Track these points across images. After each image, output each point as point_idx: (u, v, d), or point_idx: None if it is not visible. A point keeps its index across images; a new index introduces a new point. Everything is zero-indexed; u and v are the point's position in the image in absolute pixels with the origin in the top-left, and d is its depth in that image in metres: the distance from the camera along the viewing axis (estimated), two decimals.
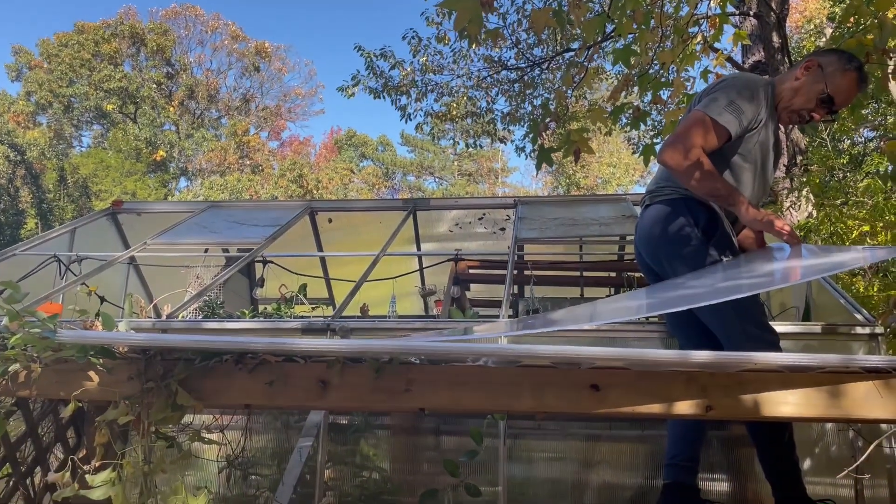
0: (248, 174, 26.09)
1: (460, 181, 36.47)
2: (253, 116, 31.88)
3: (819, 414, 1.85)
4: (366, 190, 31.62)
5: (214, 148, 27.88)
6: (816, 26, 16.04)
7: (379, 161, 35.67)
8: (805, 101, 2.50)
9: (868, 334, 2.92)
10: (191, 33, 30.79)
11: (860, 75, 2.50)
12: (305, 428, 3.01)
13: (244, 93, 31.88)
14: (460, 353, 2.01)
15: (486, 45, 9.09)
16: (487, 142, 12.75)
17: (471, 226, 5.68)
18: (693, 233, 2.48)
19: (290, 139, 33.90)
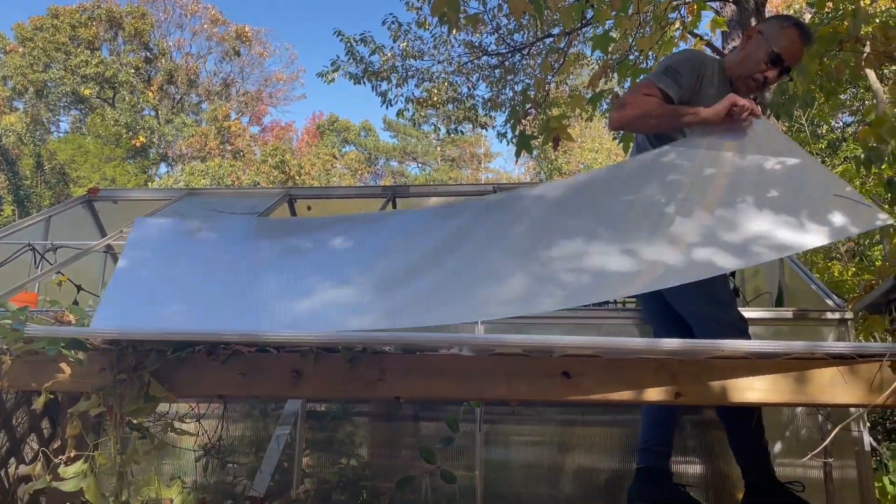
0: (229, 160, 25.83)
1: (443, 166, 36.38)
2: (234, 101, 31.54)
3: (785, 399, 1.89)
4: (348, 175, 31.45)
5: (195, 133, 27.57)
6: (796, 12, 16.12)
7: (361, 146, 35.47)
8: (754, 65, 2.55)
9: (838, 319, 2.96)
10: (169, 17, 30.36)
11: (800, 30, 2.57)
12: (283, 416, 3.02)
13: (224, 77, 31.52)
14: (434, 343, 2.02)
15: (466, 30, 9.07)
16: (469, 127, 12.72)
17: None
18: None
19: (271, 124, 33.61)
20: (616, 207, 2.34)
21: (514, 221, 2.41)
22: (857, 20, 3.70)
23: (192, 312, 2.14)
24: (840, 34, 3.84)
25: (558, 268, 2.12)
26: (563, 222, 2.32)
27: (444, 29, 7.74)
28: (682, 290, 2.55)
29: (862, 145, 4.06)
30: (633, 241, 2.15)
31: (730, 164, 2.37)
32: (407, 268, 2.25)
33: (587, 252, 2.15)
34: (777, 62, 2.52)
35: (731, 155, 2.38)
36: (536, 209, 2.44)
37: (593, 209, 2.36)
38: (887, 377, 1.83)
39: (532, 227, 2.36)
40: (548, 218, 2.39)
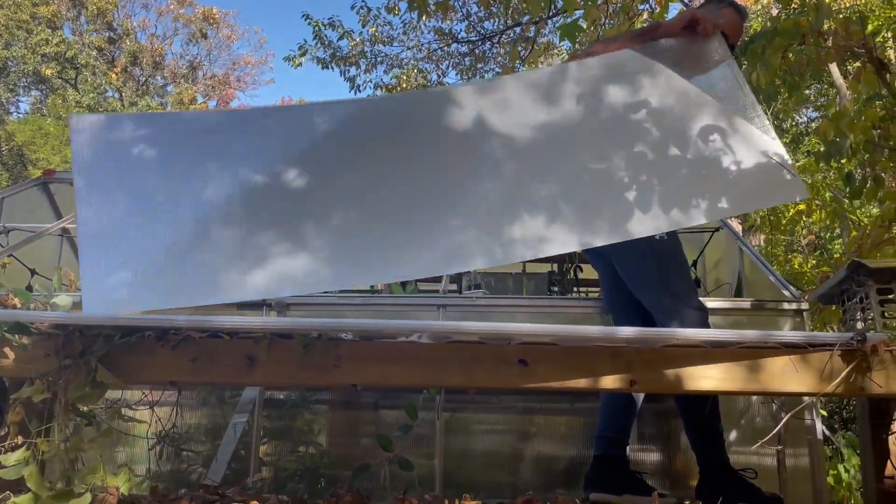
0: None
1: None
2: (200, 84, 31.00)
3: (738, 388, 1.90)
4: None
5: None
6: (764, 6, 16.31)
7: None
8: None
9: (794, 310, 3.01)
10: None
11: (735, 7, 2.68)
12: (240, 403, 2.98)
13: (191, 60, 30.93)
14: (391, 330, 2.00)
15: (436, 17, 9.00)
16: None
17: None
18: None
19: (239, 108, 33.14)
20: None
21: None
22: (820, 15, 3.73)
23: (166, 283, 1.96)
24: (803, 28, 3.87)
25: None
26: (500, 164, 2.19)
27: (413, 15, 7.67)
28: (643, 279, 2.58)
29: (822, 139, 4.11)
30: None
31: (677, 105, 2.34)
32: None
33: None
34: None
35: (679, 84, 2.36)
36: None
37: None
38: (837, 366, 1.85)
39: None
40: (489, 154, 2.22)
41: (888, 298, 2.02)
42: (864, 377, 1.85)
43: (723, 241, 4.15)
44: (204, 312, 2.00)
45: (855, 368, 1.84)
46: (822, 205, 6.96)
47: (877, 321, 1.99)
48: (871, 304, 2.01)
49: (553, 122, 2.25)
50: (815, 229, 9.88)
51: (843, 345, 1.84)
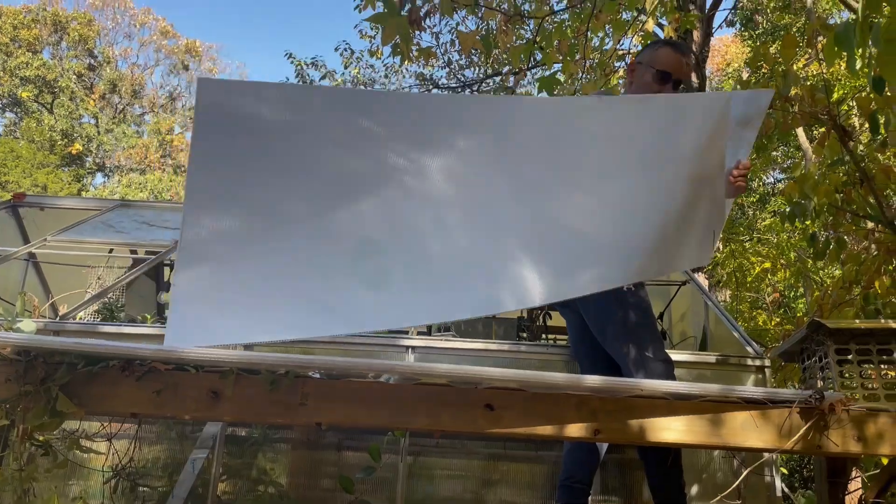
0: (169, 174, 25.29)
1: None
2: (179, 115, 30.97)
3: (700, 441, 1.93)
4: None
5: (135, 145, 26.93)
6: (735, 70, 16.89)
7: None
8: (648, 90, 2.64)
9: (756, 366, 3.06)
10: (118, 26, 29.79)
11: (672, 46, 2.76)
12: (201, 439, 2.92)
13: (171, 90, 30.99)
14: (358, 369, 2.00)
15: (418, 62, 9.17)
16: None
17: None
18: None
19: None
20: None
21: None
22: (787, 81, 3.89)
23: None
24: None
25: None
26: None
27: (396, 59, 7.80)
28: (610, 329, 2.61)
29: (787, 200, 4.23)
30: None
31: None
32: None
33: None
34: (666, 78, 2.62)
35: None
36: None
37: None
38: (796, 423, 1.89)
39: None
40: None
41: (846, 359, 2.07)
42: (821, 435, 1.89)
43: (689, 295, 4.23)
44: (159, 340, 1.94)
45: (813, 426, 1.88)
46: (786, 264, 7.13)
47: (835, 380, 2.04)
48: (830, 363, 2.07)
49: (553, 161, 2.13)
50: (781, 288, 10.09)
51: (801, 402, 1.88)
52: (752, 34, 14.25)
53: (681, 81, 2.71)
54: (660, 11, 6.07)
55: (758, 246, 7.97)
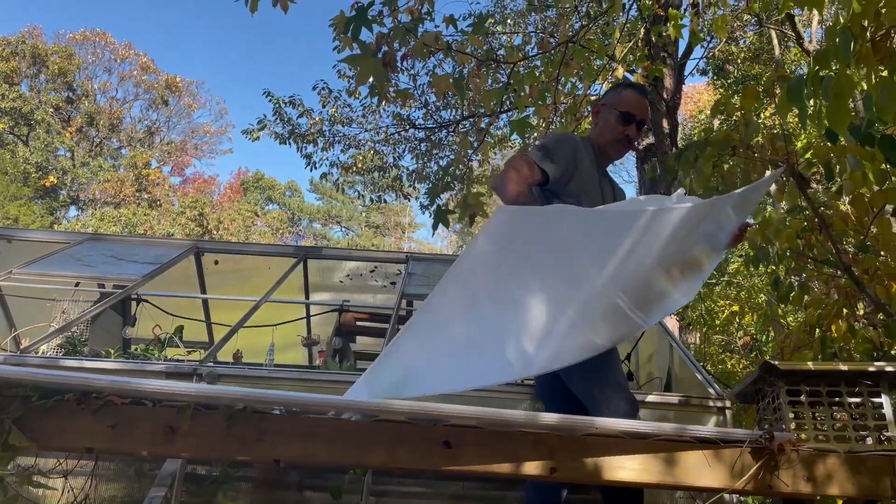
0: (144, 208, 25.12)
1: (367, 233, 36.46)
2: (156, 150, 30.92)
3: (654, 480, 1.94)
4: (269, 234, 31.05)
5: (111, 178, 26.76)
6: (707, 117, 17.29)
7: (285, 206, 35.24)
8: (613, 131, 2.76)
9: (717, 407, 3.10)
10: (98, 60, 29.83)
11: (634, 88, 2.89)
12: (159, 477, 2.88)
13: (149, 125, 30.96)
14: (315, 405, 2.00)
15: (395, 103, 9.29)
16: (393, 197, 12.87)
17: (362, 278, 5.69)
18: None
19: (194, 176, 33.00)
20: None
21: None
22: (749, 130, 4.00)
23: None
24: (733, 141, 4.13)
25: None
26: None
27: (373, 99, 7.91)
28: (575, 369, 2.63)
29: (750, 245, 4.32)
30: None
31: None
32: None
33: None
34: (629, 119, 2.74)
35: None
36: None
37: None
38: (747, 463, 1.92)
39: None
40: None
41: (798, 400, 2.12)
42: (771, 475, 1.92)
43: (656, 336, 4.28)
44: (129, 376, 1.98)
45: (763, 466, 1.91)
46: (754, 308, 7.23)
47: (786, 421, 2.07)
48: (782, 404, 2.10)
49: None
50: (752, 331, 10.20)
51: (752, 442, 1.91)
52: (724, 83, 14.63)
53: (644, 122, 2.81)
54: (629, 60, 6.26)
55: (727, 289, 8.08)
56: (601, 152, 2.81)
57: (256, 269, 5.45)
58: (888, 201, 3.31)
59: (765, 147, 4.23)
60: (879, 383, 2.12)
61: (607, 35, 6.58)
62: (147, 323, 4.78)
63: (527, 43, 8.76)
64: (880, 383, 2.12)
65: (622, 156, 2.97)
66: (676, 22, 5.72)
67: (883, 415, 2.09)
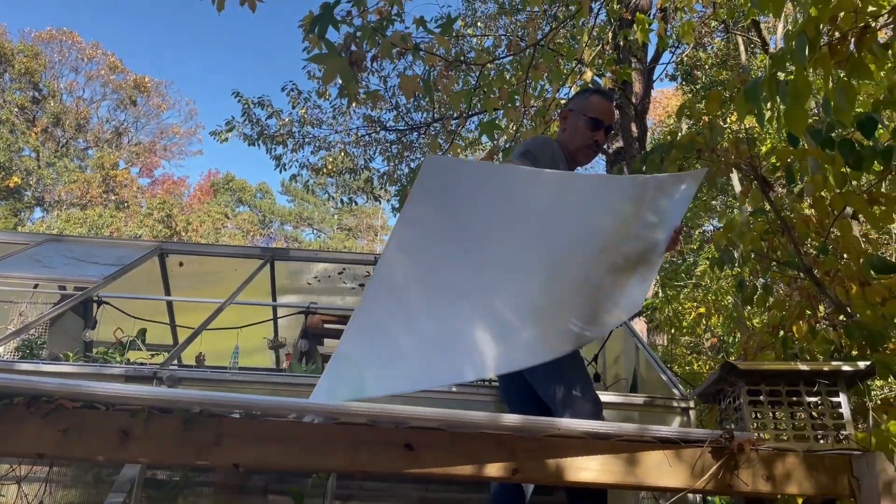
0: (111, 210, 24.70)
1: (339, 235, 36.26)
2: (124, 151, 30.43)
3: (616, 480, 1.94)
4: (240, 236, 30.74)
5: (77, 179, 26.29)
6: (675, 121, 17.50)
7: (256, 208, 34.91)
8: (582, 136, 2.78)
9: (682, 407, 3.12)
10: (65, 59, 29.29)
11: (600, 94, 2.89)
12: (117, 483, 2.81)
13: (117, 125, 30.47)
14: (273, 408, 1.97)
15: (365, 105, 9.25)
16: (364, 199, 12.82)
17: (331, 280, 5.64)
18: None
19: (162, 177, 32.55)
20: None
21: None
22: (714, 133, 4.05)
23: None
24: (698, 144, 4.17)
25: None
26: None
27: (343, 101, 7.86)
28: (539, 371, 2.63)
29: (716, 247, 4.36)
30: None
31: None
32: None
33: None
34: (598, 125, 2.77)
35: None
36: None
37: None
38: (708, 463, 1.93)
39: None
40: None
41: (758, 400, 2.13)
42: (731, 475, 1.93)
43: (622, 338, 4.30)
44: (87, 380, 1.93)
45: (723, 466, 1.92)
46: (720, 310, 7.32)
47: (747, 421, 2.09)
48: (742, 404, 2.12)
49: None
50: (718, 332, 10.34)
51: (712, 442, 1.92)
52: (692, 88, 14.82)
53: (611, 127, 2.83)
54: (597, 64, 6.30)
55: (694, 291, 8.17)
56: (571, 157, 2.82)
57: (222, 271, 5.38)
58: (848, 204, 3.36)
59: (729, 151, 4.28)
60: (837, 383, 2.15)
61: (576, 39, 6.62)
62: (109, 326, 4.69)
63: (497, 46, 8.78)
64: (838, 383, 2.14)
65: (591, 160, 2.98)
66: (644, 26, 5.76)
67: (841, 414, 2.12)
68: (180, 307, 5.41)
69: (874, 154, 2.89)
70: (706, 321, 7.30)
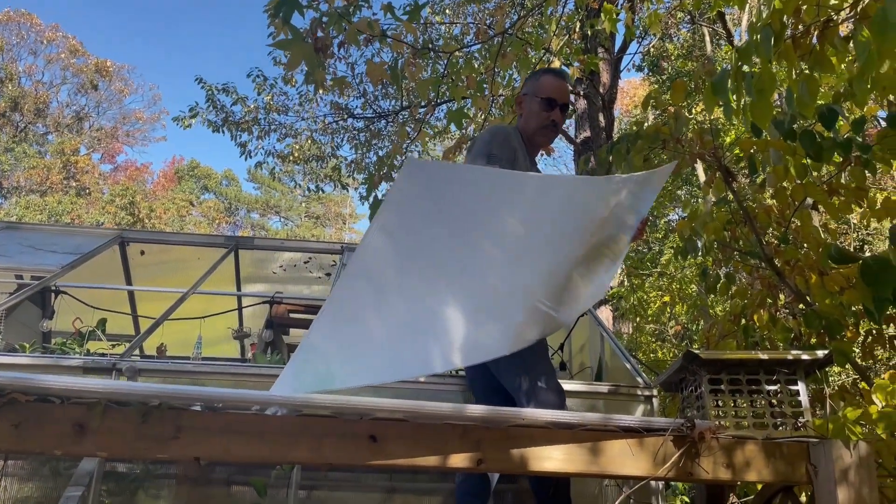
0: (71, 196, 24.16)
1: (307, 223, 35.97)
2: (86, 136, 29.75)
3: (579, 469, 1.96)
4: (205, 224, 30.32)
5: (36, 165, 25.64)
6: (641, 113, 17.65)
7: (222, 195, 34.44)
8: (538, 117, 2.80)
9: (645, 396, 3.16)
10: (23, 41, 28.46)
11: (552, 73, 2.91)
12: (76, 476, 2.75)
13: (78, 110, 29.75)
14: (237, 401, 1.94)
15: (332, 91, 9.15)
16: (332, 187, 12.71)
17: (296, 269, 5.58)
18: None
19: (125, 164, 31.90)
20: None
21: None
22: (678, 124, 4.08)
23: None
24: (663, 134, 4.20)
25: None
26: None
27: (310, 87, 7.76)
28: (504, 361, 2.63)
29: (680, 237, 4.41)
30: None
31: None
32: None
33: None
34: (552, 104, 2.78)
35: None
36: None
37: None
38: (669, 451, 1.95)
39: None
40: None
41: (719, 388, 2.16)
42: (692, 462, 1.95)
43: (588, 326, 4.34)
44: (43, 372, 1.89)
45: (684, 454, 1.94)
46: (685, 298, 7.41)
47: (707, 409, 2.11)
48: (704, 393, 2.15)
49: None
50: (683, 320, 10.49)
51: (674, 430, 1.94)
52: (658, 79, 14.96)
53: (567, 105, 2.83)
54: (565, 53, 6.30)
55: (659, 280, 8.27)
56: (529, 142, 2.82)
57: (186, 260, 5.29)
58: (808, 195, 3.41)
59: (693, 141, 4.31)
60: (796, 371, 2.18)
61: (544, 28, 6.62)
62: (68, 316, 4.58)
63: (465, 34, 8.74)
64: (797, 371, 2.18)
65: (551, 141, 2.99)
66: (611, 16, 5.78)
67: (799, 402, 2.16)
68: (142, 297, 5.31)
69: (834, 146, 2.93)
70: (671, 309, 7.40)
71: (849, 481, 1.91)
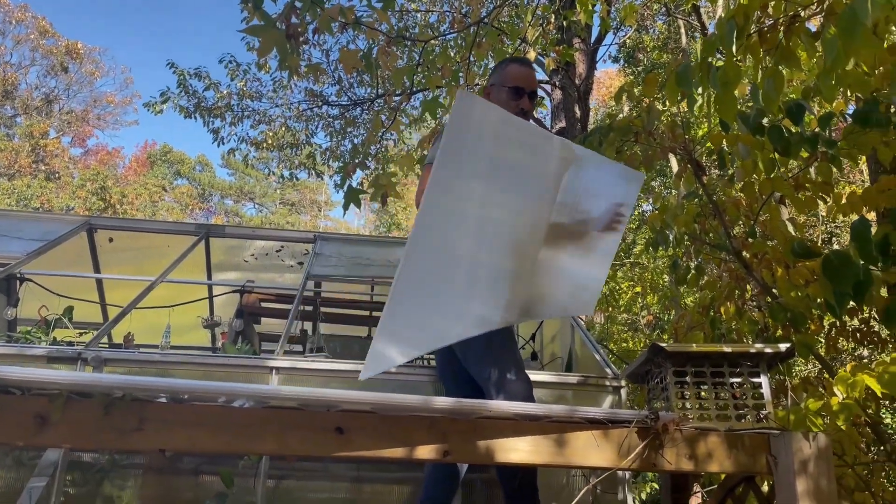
0: (40, 180, 23.71)
1: (282, 210, 35.70)
2: (55, 119, 29.18)
3: (545, 460, 1.97)
4: (178, 210, 29.96)
5: (4, 149, 25.12)
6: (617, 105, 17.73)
7: (195, 181, 34.03)
8: (506, 107, 2.67)
9: (613, 387, 3.19)
10: None
11: (516, 62, 2.91)
12: (40, 466, 2.72)
13: (47, 92, 29.15)
14: (203, 392, 1.92)
15: (307, 78, 9.07)
16: (306, 174, 12.61)
17: (268, 258, 5.54)
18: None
19: (96, 148, 31.36)
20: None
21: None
22: (650, 117, 4.10)
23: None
24: (635, 127, 4.23)
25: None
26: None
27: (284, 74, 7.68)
28: (472, 352, 2.64)
29: (651, 229, 4.44)
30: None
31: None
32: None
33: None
34: (519, 93, 2.75)
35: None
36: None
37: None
38: (634, 442, 1.97)
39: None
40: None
41: (683, 380, 2.19)
42: (656, 454, 1.98)
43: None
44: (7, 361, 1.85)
45: (648, 445, 1.97)
46: (656, 289, 7.49)
47: (672, 401, 2.14)
48: (669, 385, 2.17)
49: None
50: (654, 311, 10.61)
51: (638, 422, 1.97)
52: (634, 70, 15.02)
53: (535, 92, 2.82)
54: (541, 43, 6.30)
55: (631, 271, 8.34)
56: None
57: (155, 248, 5.22)
58: (776, 189, 3.45)
59: (665, 134, 4.34)
60: (759, 364, 2.22)
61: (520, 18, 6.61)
62: (34, 304, 4.50)
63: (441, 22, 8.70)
64: (760, 364, 2.22)
65: None
66: (587, 7, 5.78)
67: (762, 394, 2.19)
68: (111, 285, 5.24)
69: (802, 141, 2.97)
70: (642, 299, 7.47)
71: (808, 472, 1.95)
